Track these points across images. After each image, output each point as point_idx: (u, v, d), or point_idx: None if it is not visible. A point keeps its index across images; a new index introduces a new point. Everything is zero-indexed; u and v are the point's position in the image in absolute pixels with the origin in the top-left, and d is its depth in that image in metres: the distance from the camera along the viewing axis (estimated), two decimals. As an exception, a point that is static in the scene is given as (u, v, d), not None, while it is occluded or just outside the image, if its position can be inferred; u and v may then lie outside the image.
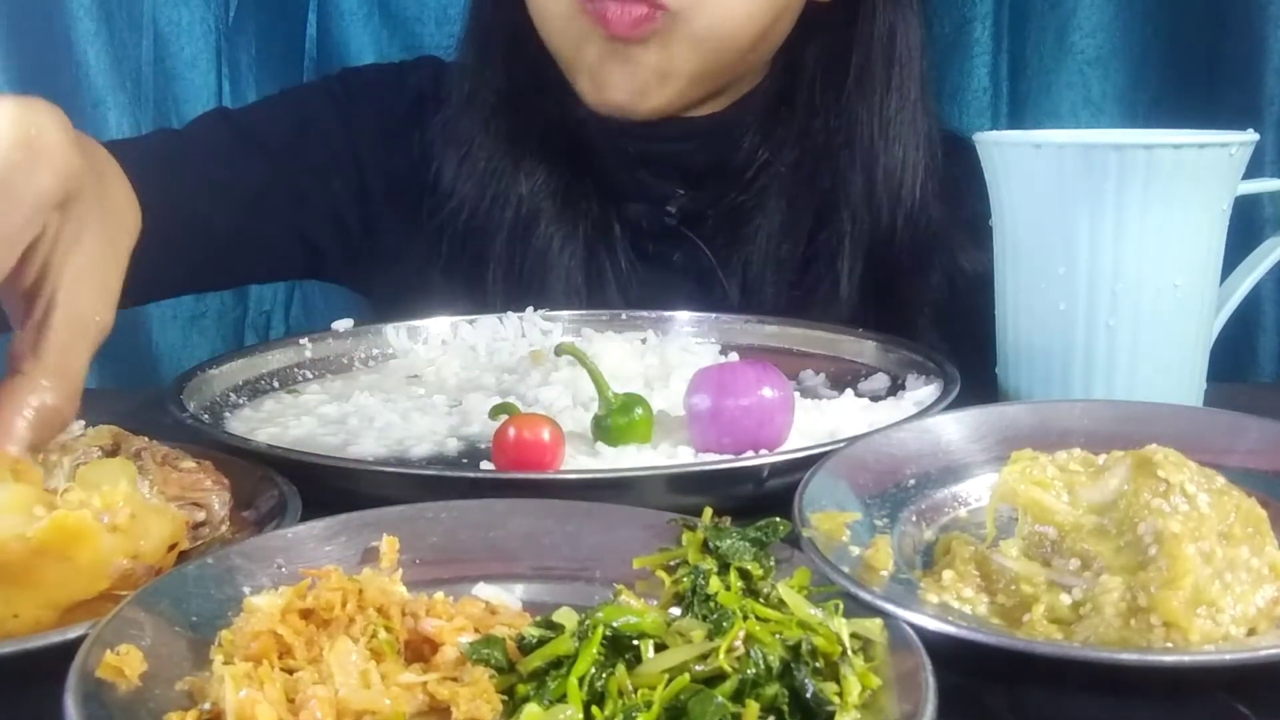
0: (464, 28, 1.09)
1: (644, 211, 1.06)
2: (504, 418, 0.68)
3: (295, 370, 0.89)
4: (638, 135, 1.03)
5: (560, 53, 1.00)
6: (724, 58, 0.98)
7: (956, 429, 0.65)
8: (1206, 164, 0.70)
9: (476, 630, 0.46)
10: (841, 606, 0.47)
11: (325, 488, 0.64)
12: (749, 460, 0.66)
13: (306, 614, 0.46)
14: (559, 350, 0.77)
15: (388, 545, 0.52)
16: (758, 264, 1.04)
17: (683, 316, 0.98)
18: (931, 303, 1.05)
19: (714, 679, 0.42)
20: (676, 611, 0.48)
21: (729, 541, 0.52)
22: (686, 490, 0.63)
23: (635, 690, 0.42)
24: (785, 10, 0.99)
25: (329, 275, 1.21)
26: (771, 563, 0.51)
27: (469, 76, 1.07)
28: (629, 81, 0.96)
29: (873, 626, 0.46)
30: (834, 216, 1.04)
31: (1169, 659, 0.46)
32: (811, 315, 0.99)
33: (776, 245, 1.04)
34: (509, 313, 0.97)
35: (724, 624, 0.44)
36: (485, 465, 0.68)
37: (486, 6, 1.08)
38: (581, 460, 0.70)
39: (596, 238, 1.05)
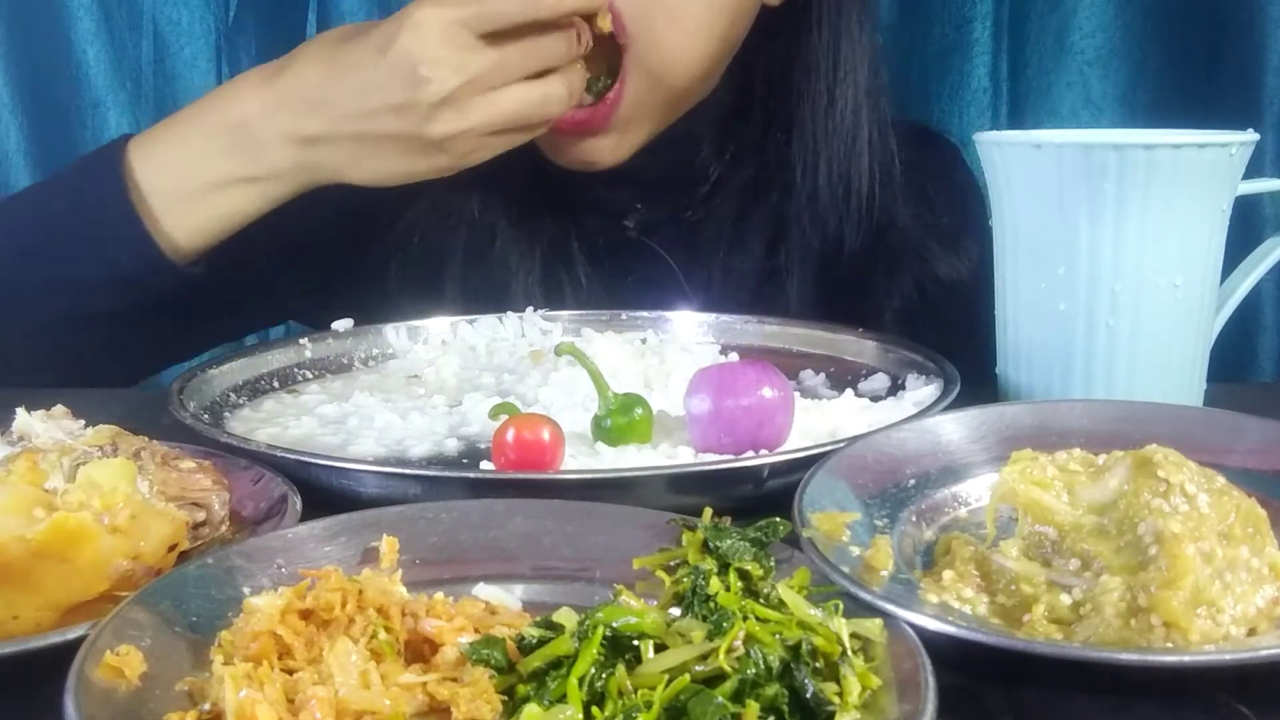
0: None
1: (602, 226, 1.06)
2: (504, 418, 0.68)
3: (295, 370, 0.90)
4: None
5: None
6: (685, 82, 0.97)
7: (956, 429, 0.65)
8: (1206, 164, 0.70)
9: (476, 630, 0.46)
10: (841, 606, 0.47)
11: (325, 488, 0.64)
12: (749, 460, 0.66)
13: (306, 614, 0.46)
14: (559, 350, 0.77)
15: (388, 545, 0.52)
16: (717, 275, 1.04)
17: (683, 316, 0.98)
18: (895, 310, 1.04)
19: (714, 679, 0.42)
20: (676, 612, 0.48)
21: (729, 542, 0.51)
22: (686, 490, 0.63)
23: (635, 690, 0.42)
24: (741, 19, 0.99)
25: (290, 316, 1.22)
26: (771, 563, 0.51)
27: None
28: (589, 150, 0.97)
29: (873, 626, 0.46)
30: (786, 229, 1.04)
31: (1169, 659, 0.46)
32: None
33: (735, 258, 1.04)
34: (509, 313, 0.97)
35: (724, 624, 0.44)
36: (485, 465, 0.68)
37: None
38: (581, 460, 0.70)
39: (554, 254, 1.05)
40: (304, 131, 0.87)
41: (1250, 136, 0.72)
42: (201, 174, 0.90)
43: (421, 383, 0.87)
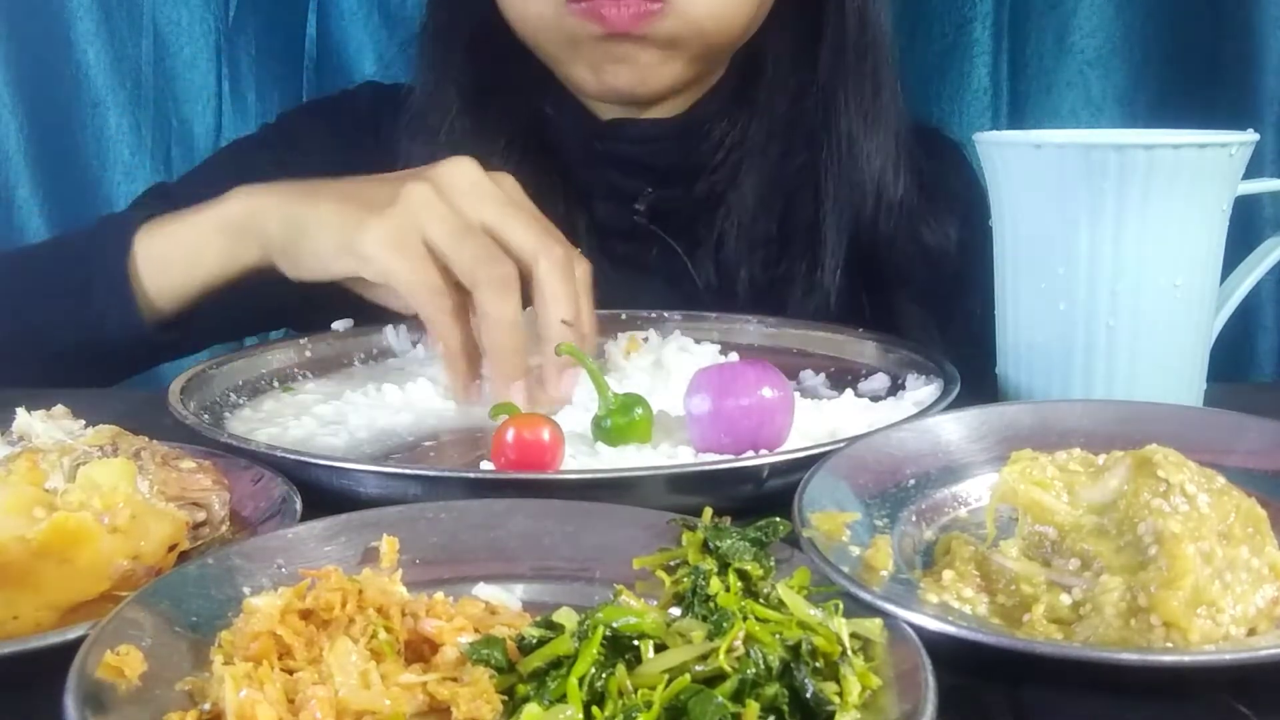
0: (421, 28, 1.08)
1: (612, 210, 1.06)
2: (504, 418, 0.68)
3: (295, 370, 0.90)
4: (604, 137, 1.03)
5: (551, 52, 0.99)
6: (722, 39, 0.98)
7: (956, 429, 0.65)
8: (1206, 164, 0.70)
9: (476, 630, 0.46)
10: (841, 606, 0.47)
11: (325, 488, 0.64)
12: (749, 460, 0.66)
13: (306, 614, 0.46)
14: (559, 350, 0.77)
15: (388, 545, 0.52)
16: (730, 248, 1.04)
17: (683, 316, 0.98)
18: (911, 283, 1.05)
19: (714, 679, 0.42)
20: (676, 612, 0.48)
21: (729, 542, 0.52)
22: (686, 490, 0.63)
23: (635, 690, 0.42)
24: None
25: (287, 323, 1.21)
26: (771, 563, 0.51)
27: (428, 80, 1.06)
28: (631, 71, 0.97)
29: (873, 626, 0.46)
30: (815, 202, 1.04)
31: (1169, 659, 0.46)
32: (791, 301, 1.00)
33: (749, 227, 1.04)
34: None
35: (724, 624, 0.44)
36: (485, 465, 0.68)
37: (444, 6, 1.07)
38: (581, 460, 0.70)
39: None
40: (277, 191, 0.88)
41: (1250, 136, 0.72)
42: (186, 215, 0.91)
43: (419, 381, 0.87)
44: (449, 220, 0.79)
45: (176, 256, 0.91)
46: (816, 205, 1.04)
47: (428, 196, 0.80)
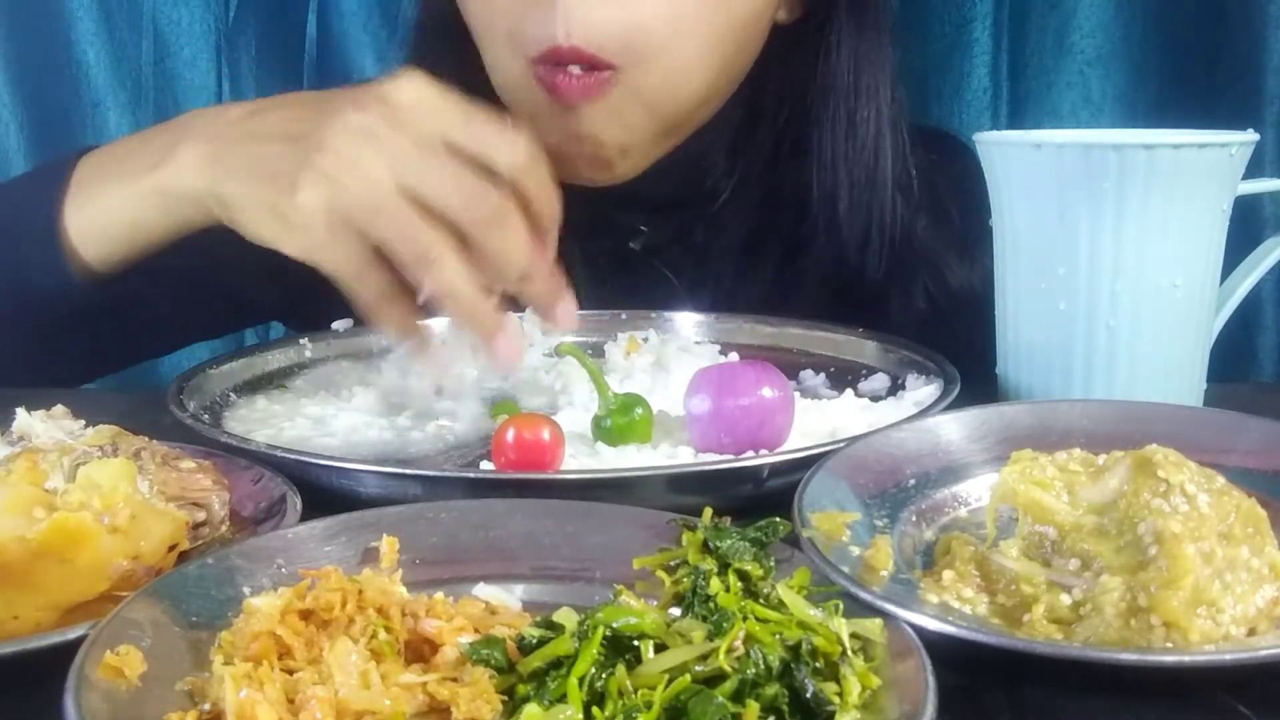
0: (406, 60, 1.05)
1: (606, 246, 1.04)
2: (504, 418, 0.68)
3: (295, 370, 0.90)
4: None
5: (516, 118, 0.98)
6: (682, 109, 0.95)
7: (956, 429, 0.65)
8: (1206, 164, 0.70)
9: (476, 630, 0.46)
10: (841, 606, 0.47)
11: (325, 488, 0.64)
12: (749, 460, 0.66)
13: (306, 615, 0.46)
14: (559, 350, 0.77)
15: (388, 545, 0.52)
16: (724, 297, 1.03)
17: (683, 316, 0.98)
18: (915, 323, 1.02)
19: (714, 679, 0.42)
20: (676, 612, 0.48)
21: (729, 542, 0.51)
22: (686, 490, 0.63)
23: (635, 690, 0.42)
24: (746, 44, 0.97)
25: (275, 317, 1.20)
26: (771, 563, 0.51)
27: None
28: (590, 163, 0.95)
29: (873, 626, 0.46)
30: (803, 249, 1.02)
31: (1169, 659, 0.46)
32: None
33: (746, 277, 1.03)
34: (508, 313, 0.97)
35: (724, 624, 0.44)
36: (485, 465, 0.68)
37: (427, 41, 1.05)
38: (581, 460, 0.70)
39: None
40: (215, 149, 0.79)
41: (1250, 136, 0.72)
42: (122, 176, 0.84)
43: (421, 383, 0.87)
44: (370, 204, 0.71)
45: (113, 220, 0.84)
46: (806, 256, 1.02)
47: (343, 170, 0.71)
